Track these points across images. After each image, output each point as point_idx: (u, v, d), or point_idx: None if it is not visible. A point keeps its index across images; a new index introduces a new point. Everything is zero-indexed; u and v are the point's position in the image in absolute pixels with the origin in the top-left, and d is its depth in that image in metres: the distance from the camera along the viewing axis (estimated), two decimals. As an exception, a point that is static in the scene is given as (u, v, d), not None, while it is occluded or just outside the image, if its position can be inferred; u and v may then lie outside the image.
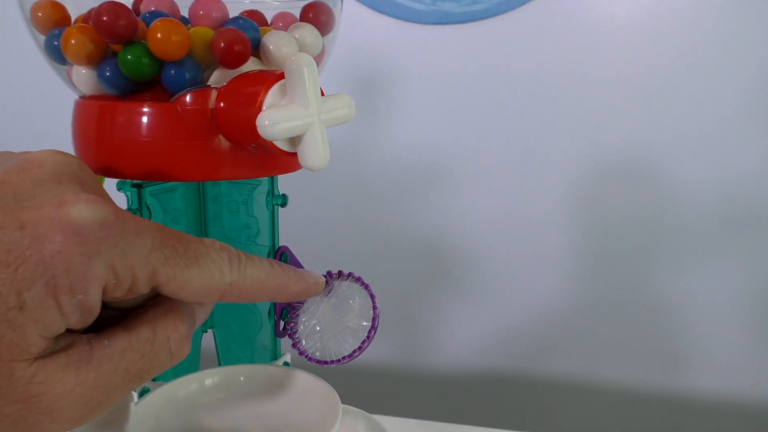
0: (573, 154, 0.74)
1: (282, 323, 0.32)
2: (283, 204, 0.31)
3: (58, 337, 0.20)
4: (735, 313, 0.77)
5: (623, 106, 0.72)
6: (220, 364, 0.36)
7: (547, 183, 0.76)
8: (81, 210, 0.20)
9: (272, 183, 0.31)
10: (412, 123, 0.75)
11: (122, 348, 0.22)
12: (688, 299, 0.78)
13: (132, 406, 0.27)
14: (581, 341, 0.82)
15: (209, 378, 0.30)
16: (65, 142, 0.29)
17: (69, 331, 0.21)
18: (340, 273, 0.31)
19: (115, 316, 0.23)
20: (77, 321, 0.20)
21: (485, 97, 0.73)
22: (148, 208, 0.30)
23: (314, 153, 0.26)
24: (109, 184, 0.27)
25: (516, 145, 0.75)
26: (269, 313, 0.32)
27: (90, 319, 0.21)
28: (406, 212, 0.80)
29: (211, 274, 0.24)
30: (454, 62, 0.72)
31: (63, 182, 0.21)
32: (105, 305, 0.21)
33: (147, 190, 0.29)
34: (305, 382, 0.30)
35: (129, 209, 0.29)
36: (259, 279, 0.26)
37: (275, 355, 0.33)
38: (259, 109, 0.25)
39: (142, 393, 0.31)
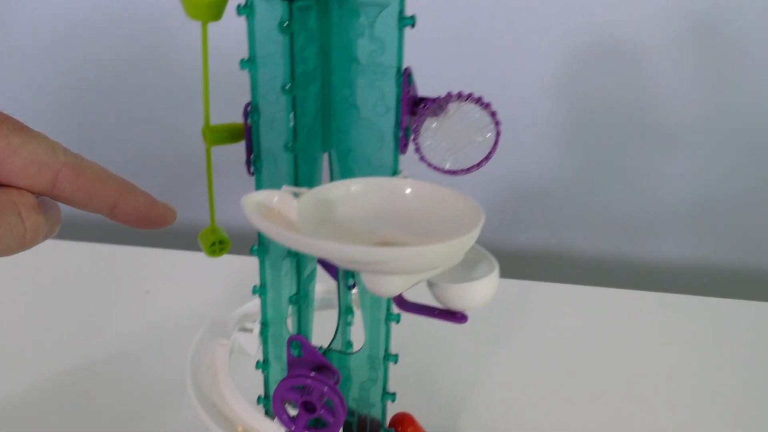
0: (559, 33, 0.77)
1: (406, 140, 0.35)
2: (413, 24, 0.33)
3: None
4: (699, 193, 0.84)
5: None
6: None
7: (532, 65, 0.78)
8: None
9: (402, 3, 0.32)
10: None
11: None
12: (662, 178, 0.84)
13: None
14: (556, 214, 0.88)
15: (354, 185, 0.33)
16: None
17: None
18: (459, 94, 0.34)
19: None
20: None
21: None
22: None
23: None
24: None
25: (502, 24, 0.77)
26: (394, 127, 0.34)
27: None
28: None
29: (41, 147, 0.24)
30: None
31: None
32: None
33: (296, 5, 0.30)
34: (445, 192, 0.33)
35: (280, 24, 0.31)
36: (101, 175, 0.26)
37: (394, 173, 0.36)
38: None
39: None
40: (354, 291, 0.44)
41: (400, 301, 0.38)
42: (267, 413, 0.41)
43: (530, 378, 0.62)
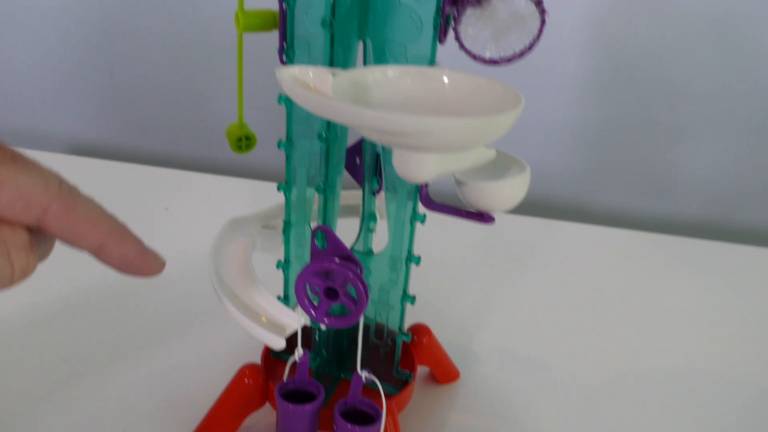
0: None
1: (447, 28, 0.34)
2: None
3: None
4: (728, 148, 0.82)
5: None
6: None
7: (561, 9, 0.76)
8: None
9: None
10: None
11: None
12: (688, 129, 0.82)
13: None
14: (579, 167, 0.86)
15: (391, 70, 0.32)
16: None
17: None
18: None
19: None
20: None
21: None
22: None
23: None
24: None
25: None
26: (434, 14, 0.33)
27: None
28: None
29: (33, 179, 0.22)
30: None
31: None
32: None
33: None
34: (484, 81, 0.32)
35: None
36: (92, 214, 0.24)
37: (431, 64, 0.35)
38: None
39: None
40: (380, 195, 0.43)
41: (427, 200, 0.37)
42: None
43: (545, 307, 0.62)
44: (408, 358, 0.46)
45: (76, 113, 0.92)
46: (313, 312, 0.34)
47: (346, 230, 0.43)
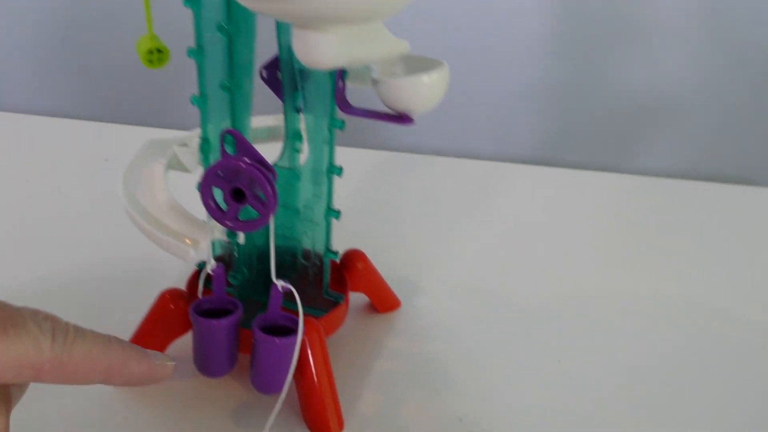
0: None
1: None
2: None
3: None
4: (686, 106, 0.82)
5: None
6: None
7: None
8: None
9: None
10: None
11: None
12: (651, 88, 0.81)
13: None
14: (543, 125, 0.85)
15: None
16: None
17: None
18: None
19: None
20: None
21: None
22: None
23: None
24: None
25: None
26: None
27: None
28: None
29: (25, 347, 0.21)
30: None
31: None
32: None
33: None
34: None
35: None
36: (89, 355, 0.24)
37: None
38: None
39: None
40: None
41: (343, 102, 0.36)
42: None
43: (494, 243, 0.61)
44: (341, 283, 0.45)
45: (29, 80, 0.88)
46: (222, 217, 0.32)
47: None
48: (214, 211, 0.32)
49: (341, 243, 0.44)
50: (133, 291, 0.44)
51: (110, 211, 0.46)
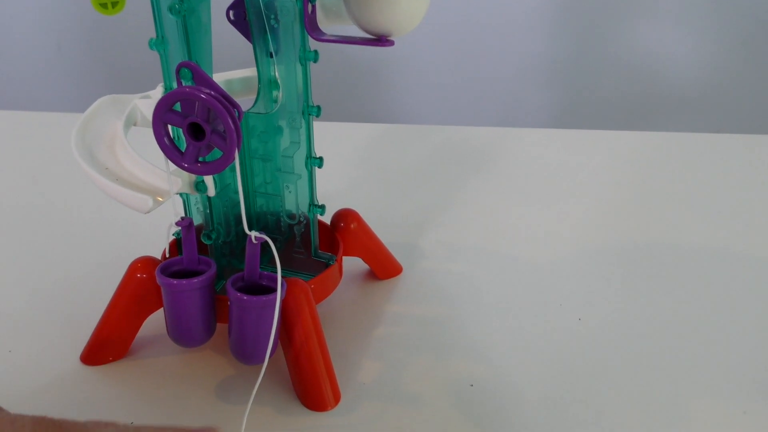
0: None
1: None
2: None
3: None
4: (703, 68, 0.77)
5: None
6: None
7: None
8: None
9: None
10: None
11: None
12: (663, 55, 0.77)
13: None
14: (559, 96, 0.81)
15: None
16: None
17: None
18: None
19: None
20: None
21: None
22: None
23: None
24: None
25: None
26: None
27: None
28: None
29: None
30: None
31: None
32: None
33: None
34: None
35: None
36: None
37: None
38: None
39: None
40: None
41: (313, 27, 0.32)
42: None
43: (497, 206, 0.57)
44: (334, 246, 0.41)
45: None
46: (178, 158, 0.28)
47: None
48: (170, 150, 0.28)
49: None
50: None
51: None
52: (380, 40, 0.31)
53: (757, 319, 0.41)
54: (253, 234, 0.30)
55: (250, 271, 0.32)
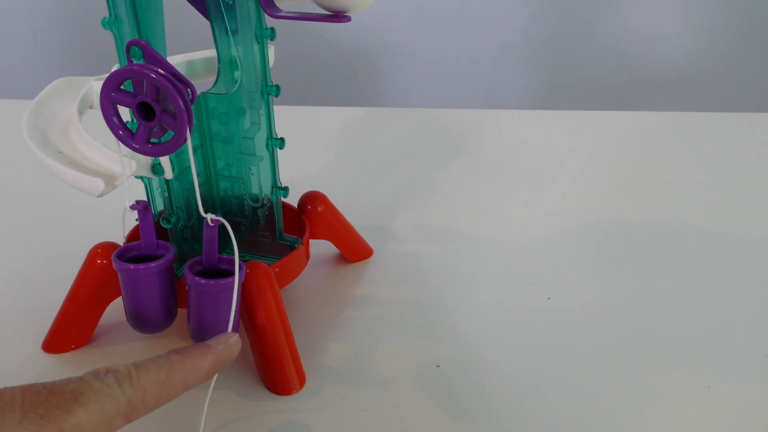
0: None
1: None
2: None
3: None
4: (688, 48, 0.77)
5: None
6: None
7: None
8: None
9: None
10: None
11: None
12: (646, 34, 0.76)
13: None
14: (542, 78, 0.81)
15: None
16: None
17: None
18: None
19: None
20: None
21: None
22: None
23: None
24: None
25: None
26: None
27: None
28: None
29: (101, 405, 0.23)
30: None
31: None
32: None
33: None
34: None
35: None
36: (159, 382, 0.25)
37: None
38: None
39: None
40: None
41: (269, 6, 0.31)
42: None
43: (469, 188, 0.56)
44: (300, 229, 0.40)
45: None
46: (129, 139, 0.28)
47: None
48: (119, 130, 0.27)
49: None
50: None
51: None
52: (337, 15, 0.30)
53: (722, 296, 0.41)
54: (209, 216, 0.30)
55: (209, 255, 0.31)
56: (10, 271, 0.44)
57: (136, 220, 0.38)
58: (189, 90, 0.28)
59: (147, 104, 0.27)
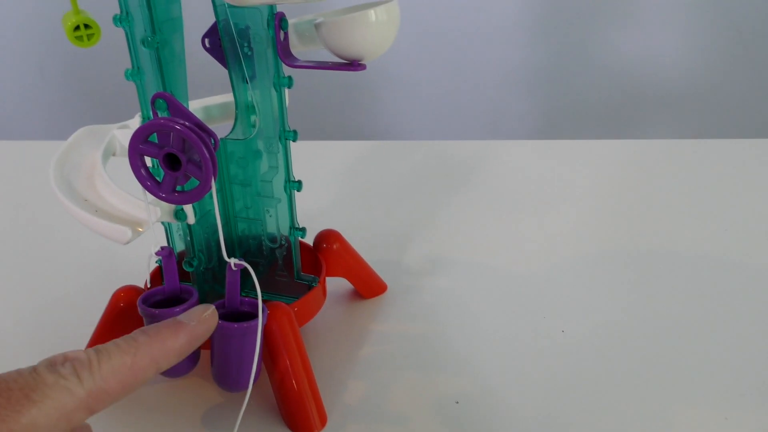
0: None
1: None
2: None
3: None
4: (687, 73, 0.78)
5: None
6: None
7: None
8: None
9: None
10: None
11: None
12: (646, 60, 0.78)
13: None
14: (543, 104, 0.82)
15: None
16: None
17: None
18: None
19: None
20: None
21: None
22: None
23: None
24: None
25: None
26: None
27: None
28: None
29: (57, 401, 0.21)
30: None
31: None
32: None
33: None
34: None
35: None
36: (124, 367, 0.23)
37: None
38: None
39: None
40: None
41: (286, 54, 0.32)
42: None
43: (481, 219, 0.57)
44: (317, 267, 0.41)
45: None
46: (156, 189, 0.29)
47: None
48: (147, 181, 0.28)
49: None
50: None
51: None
52: (352, 64, 0.31)
53: (739, 325, 0.41)
54: (233, 261, 0.31)
55: (231, 298, 0.32)
56: (33, 311, 0.44)
57: (156, 262, 0.39)
58: (212, 139, 0.29)
59: (173, 155, 0.28)
